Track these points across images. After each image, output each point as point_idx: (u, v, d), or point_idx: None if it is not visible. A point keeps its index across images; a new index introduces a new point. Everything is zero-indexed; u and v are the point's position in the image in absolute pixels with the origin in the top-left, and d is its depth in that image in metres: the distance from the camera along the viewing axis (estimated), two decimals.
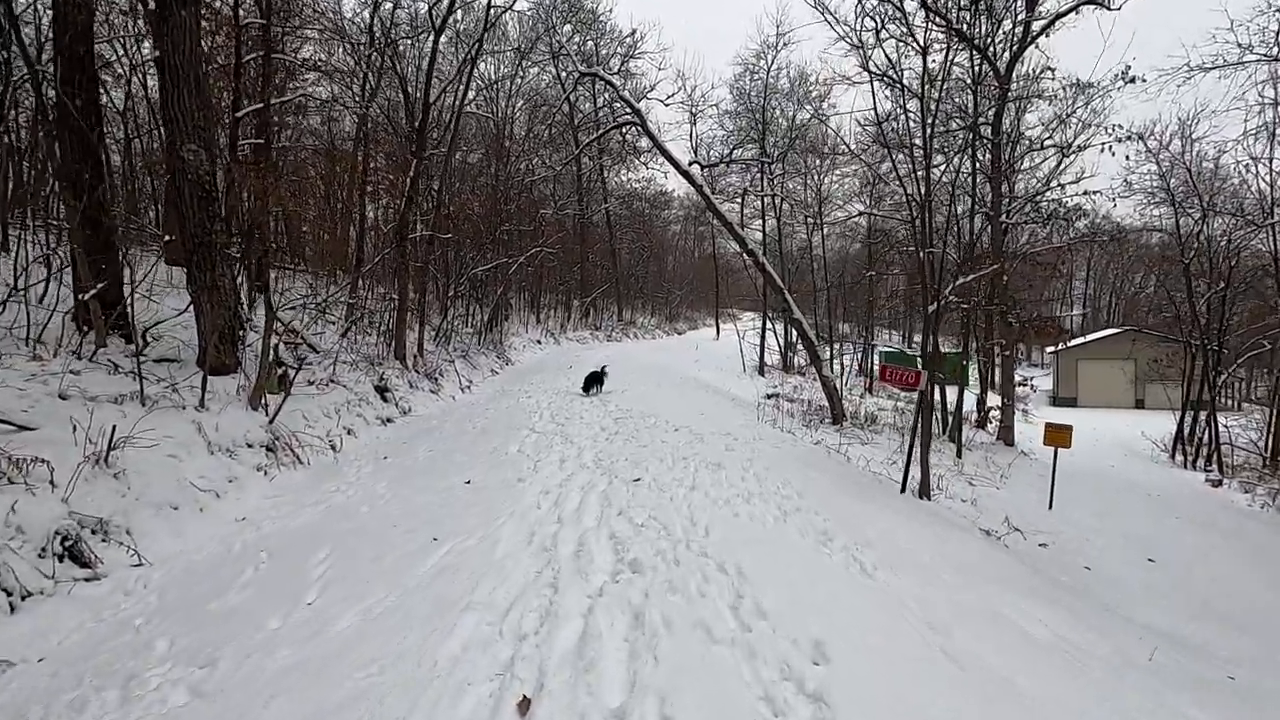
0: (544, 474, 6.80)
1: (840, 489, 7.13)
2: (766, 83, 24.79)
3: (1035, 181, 19.58)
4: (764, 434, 10.12)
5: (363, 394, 10.36)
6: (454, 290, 18.02)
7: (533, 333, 26.07)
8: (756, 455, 7.98)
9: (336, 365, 10.57)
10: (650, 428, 9.48)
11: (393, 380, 11.76)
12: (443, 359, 15.09)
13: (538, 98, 27.24)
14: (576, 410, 10.93)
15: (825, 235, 30.72)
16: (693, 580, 3.89)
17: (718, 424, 10.32)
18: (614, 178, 37.63)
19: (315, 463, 7.51)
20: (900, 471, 10.72)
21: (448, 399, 13.09)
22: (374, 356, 12.53)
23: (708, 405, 13.04)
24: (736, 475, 6.80)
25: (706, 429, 9.55)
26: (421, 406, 11.77)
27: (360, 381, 10.68)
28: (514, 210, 21.38)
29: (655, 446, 8.14)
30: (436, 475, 6.98)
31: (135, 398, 6.40)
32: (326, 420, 8.88)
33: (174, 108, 7.96)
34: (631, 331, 36.49)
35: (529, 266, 23.35)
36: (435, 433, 9.63)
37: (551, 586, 3.86)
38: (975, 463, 14.74)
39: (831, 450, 10.29)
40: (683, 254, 53.93)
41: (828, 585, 4.00)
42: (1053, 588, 5.69)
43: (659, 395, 13.36)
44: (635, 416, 10.40)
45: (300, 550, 4.79)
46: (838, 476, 7.83)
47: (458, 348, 17.18)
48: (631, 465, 7.06)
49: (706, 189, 17.42)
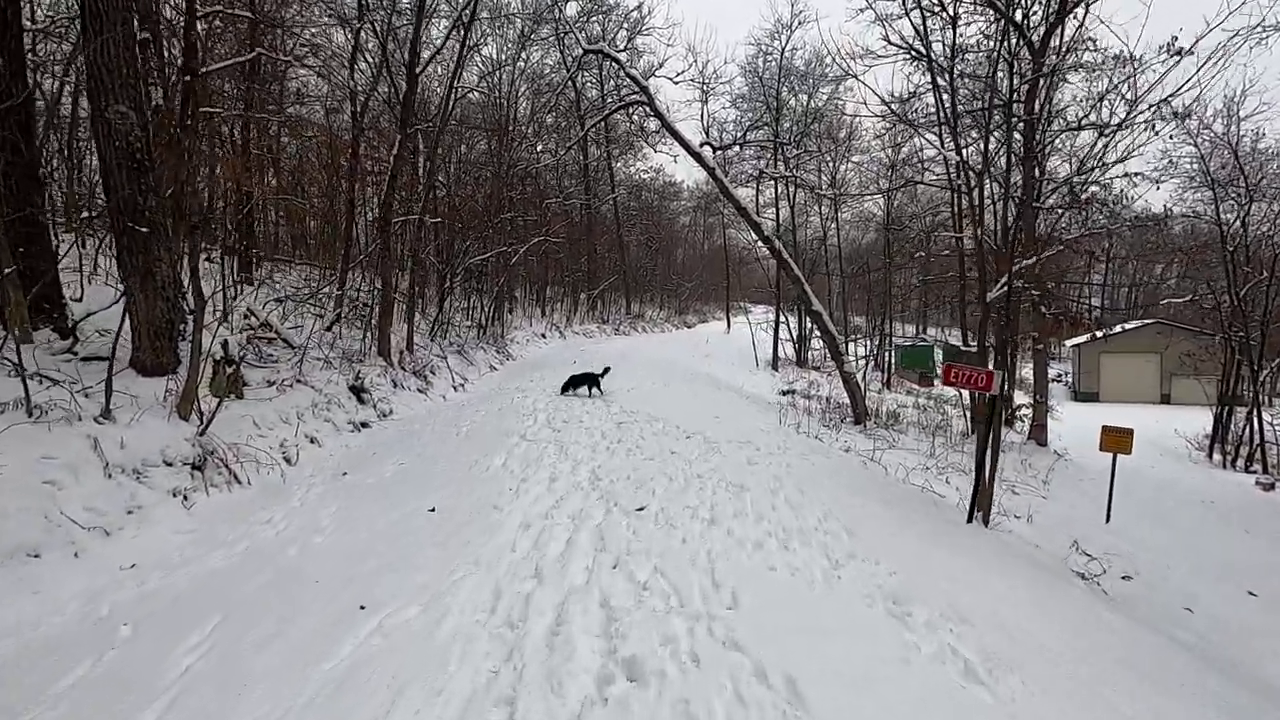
0: (528, 498, 5.44)
1: (895, 519, 5.72)
2: (781, 64, 23.23)
3: (1070, 164, 17.97)
4: (789, 441, 8.71)
5: (334, 395, 9.03)
6: (450, 281, 16.67)
7: (537, 326, 24.72)
8: (786, 471, 6.58)
9: (305, 363, 9.24)
10: (658, 434, 8.09)
11: (373, 379, 10.43)
12: (435, 355, 13.76)
13: (541, 83, 25.75)
14: (576, 413, 9.57)
15: (840, 225, 29.15)
16: (719, 701, 2.51)
17: (735, 429, 8.93)
18: (622, 168, 36.14)
19: (258, 482, 6.18)
20: (947, 485, 9.30)
21: (437, 399, 11.76)
22: (355, 353, 11.20)
23: (722, 405, 11.64)
24: (765, 501, 5.41)
25: (723, 435, 8.16)
26: (405, 408, 10.43)
27: (333, 381, 9.35)
28: (516, 198, 19.99)
29: (664, 459, 6.76)
30: (398, 498, 5.64)
31: (20, 405, 5.08)
32: (284, 427, 7.55)
33: (98, 60, 6.62)
34: (640, 325, 35.08)
35: (532, 256, 21.98)
36: (413, 440, 8.29)
37: (507, 708, 2.50)
38: (1013, 466, 13.23)
39: (866, 460, 8.86)
40: (692, 246, 52.29)
41: (935, 715, 2.61)
42: (1235, 687, 4.21)
43: (668, 394, 11.98)
44: (641, 420, 9.02)
45: (179, 622, 3.45)
46: (885, 500, 6.44)
47: (454, 342, 15.85)
48: (635, 487, 5.69)
49: (719, 172, 15.96)
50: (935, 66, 15.98)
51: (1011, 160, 16.23)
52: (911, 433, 15.04)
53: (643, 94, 15.99)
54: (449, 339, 15.91)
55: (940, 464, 11.18)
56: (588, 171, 30.90)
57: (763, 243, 16.41)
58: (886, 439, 13.42)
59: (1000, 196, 16.49)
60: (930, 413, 19.26)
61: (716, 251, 53.05)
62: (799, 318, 27.64)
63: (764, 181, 22.49)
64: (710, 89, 16.62)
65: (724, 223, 37.83)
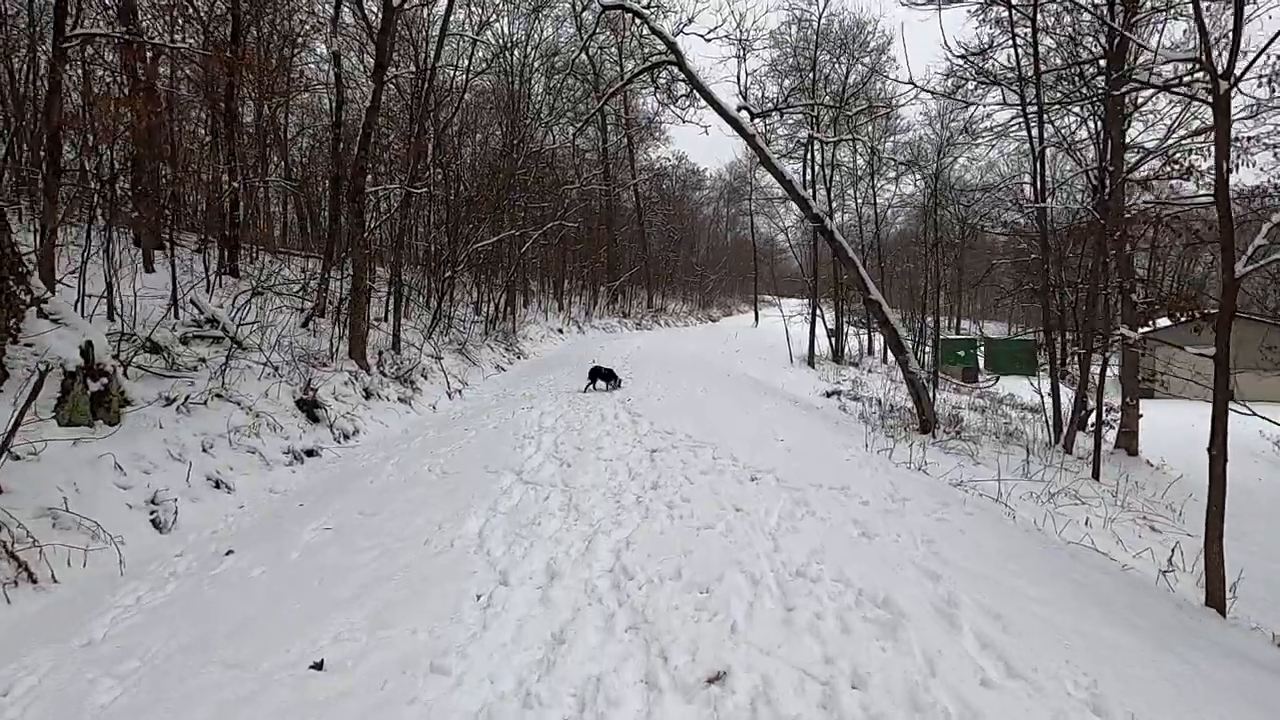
0: (503, 630, 2.88)
1: (1167, 677, 3.01)
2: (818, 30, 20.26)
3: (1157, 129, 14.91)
4: (895, 480, 6.01)
5: (272, 413, 6.53)
6: (453, 270, 14.16)
7: (554, 321, 22.17)
8: (932, 557, 3.86)
9: (230, 370, 6.73)
10: (710, 472, 5.47)
11: (337, 388, 7.94)
12: (428, 355, 11.26)
13: (558, 59, 23.04)
14: (593, 434, 6.96)
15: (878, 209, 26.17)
16: None
17: (812, 462, 6.25)
18: (643, 155, 33.38)
19: (73, 579, 3.68)
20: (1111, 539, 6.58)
21: (424, 409, 9.26)
22: (320, 355, 8.73)
23: (778, 420, 8.96)
24: (950, 653, 2.73)
25: (800, 475, 5.51)
26: (377, 424, 7.94)
27: (271, 394, 6.85)
28: (528, 177, 17.39)
29: (729, 526, 4.13)
30: (273, 628, 3.10)
31: None
32: (173, 469, 5.05)
33: None
34: (662, 319, 32.38)
35: (544, 243, 19.40)
36: (364, 480, 5.74)
37: None
38: (1122, 487, 10.34)
39: (1031, 525, 6.04)
40: (715, 238, 49.25)
41: None
42: None
43: (709, 404, 9.33)
44: (682, 446, 6.39)
45: None
46: (1108, 608, 3.76)
47: (455, 339, 13.36)
48: (694, 604, 3.08)
49: (760, 139, 13.24)
50: (1014, 11, 13.03)
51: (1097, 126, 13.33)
52: (986, 444, 12.25)
53: (671, 52, 13.32)
54: (449, 336, 13.42)
55: (1050, 488, 8.47)
56: (607, 156, 28.18)
57: (811, 221, 13.66)
58: (963, 451, 10.65)
59: (1093, 164, 13.57)
60: (991, 415, 16.40)
61: (740, 243, 50.15)
62: (836, 310, 24.81)
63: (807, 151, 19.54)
64: (748, 44, 13.88)
65: (751, 209, 34.92)
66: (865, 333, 27.62)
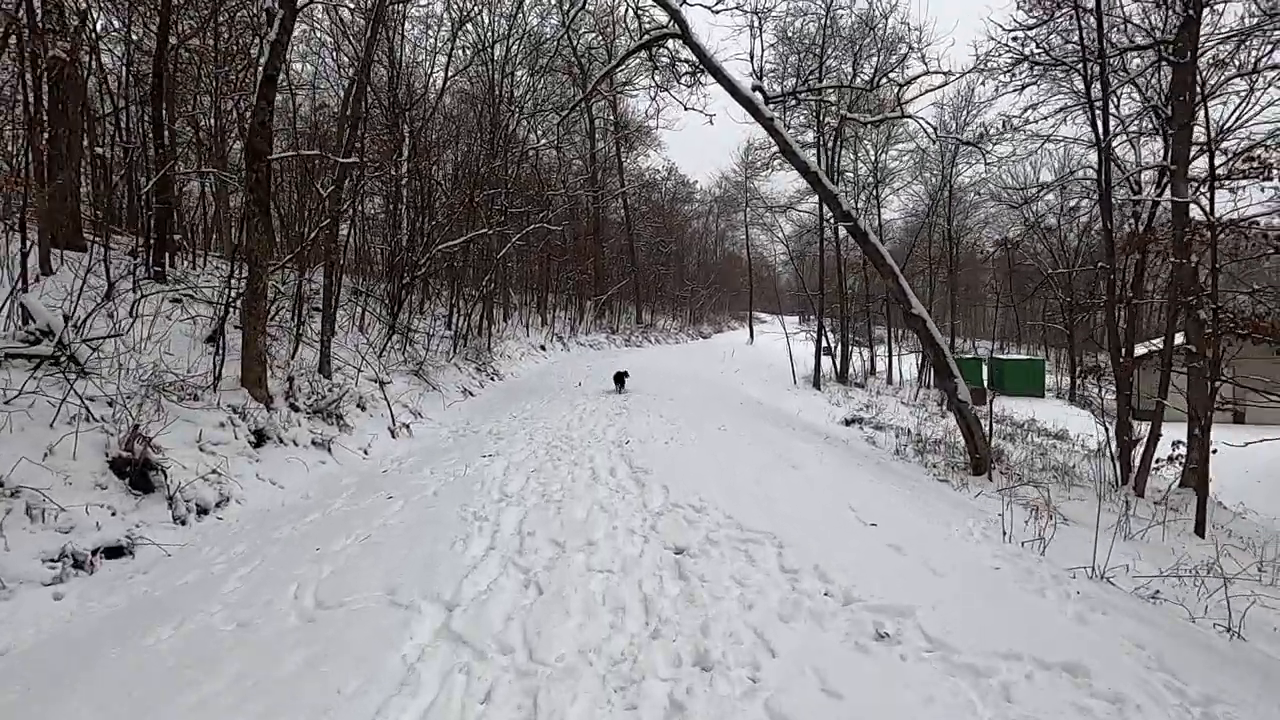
0: None
1: None
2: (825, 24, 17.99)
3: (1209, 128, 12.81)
4: (1114, 622, 3.48)
5: (49, 487, 3.86)
6: (411, 276, 11.53)
7: (536, 336, 19.54)
8: None
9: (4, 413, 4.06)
10: (790, 618, 2.93)
11: (205, 433, 5.27)
12: (369, 379, 8.60)
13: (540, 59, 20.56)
14: (579, 508, 4.39)
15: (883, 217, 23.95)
16: None
17: (940, 564, 3.74)
18: (632, 163, 31.04)
19: None
20: None
21: (350, 456, 6.60)
22: (191, 380, 6.05)
23: (839, 477, 6.43)
24: None
25: (948, 616, 3.01)
26: (262, 487, 5.28)
27: (63, 449, 4.18)
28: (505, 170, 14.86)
29: None
30: None
31: None
32: None
33: None
34: (653, 335, 29.85)
35: (524, 245, 16.83)
36: (152, 631, 3.07)
37: None
38: (1230, 550, 7.83)
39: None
40: (705, 253, 46.82)
41: None
42: None
43: (737, 451, 6.79)
44: (724, 541, 3.84)
45: None
46: None
47: (413, 358, 10.70)
48: None
49: (779, 123, 10.88)
50: None
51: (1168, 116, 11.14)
52: (1049, 485, 9.84)
53: (674, 20, 10.97)
54: (406, 354, 10.76)
55: (1181, 562, 5.96)
56: (595, 160, 25.71)
57: (839, 220, 11.27)
58: (1031, 502, 8.13)
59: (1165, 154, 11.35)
60: (1042, 448, 13.98)
61: (730, 259, 47.96)
62: (842, 327, 22.44)
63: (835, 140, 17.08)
64: (765, 13, 11.50)
65: (746, 219, 32.62)
66: (868, 351, 25.32)
